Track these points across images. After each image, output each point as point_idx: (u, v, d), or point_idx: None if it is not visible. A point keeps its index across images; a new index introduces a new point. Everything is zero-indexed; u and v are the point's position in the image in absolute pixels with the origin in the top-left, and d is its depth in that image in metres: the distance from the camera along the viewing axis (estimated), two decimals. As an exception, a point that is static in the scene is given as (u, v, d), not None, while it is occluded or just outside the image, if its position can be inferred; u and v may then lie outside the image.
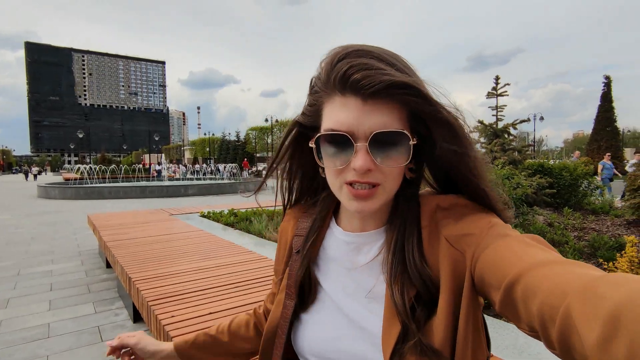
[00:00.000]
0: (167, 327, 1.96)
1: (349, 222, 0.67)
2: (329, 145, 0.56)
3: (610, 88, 27.34)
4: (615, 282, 0.33)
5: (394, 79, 0.50)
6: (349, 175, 0.54)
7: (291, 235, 0.74)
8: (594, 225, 5.50)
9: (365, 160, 0.52)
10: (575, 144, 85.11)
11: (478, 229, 0.52)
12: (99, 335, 3.09)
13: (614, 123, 26.74)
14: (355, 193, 0.54)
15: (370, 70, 0.50)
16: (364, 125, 0.52)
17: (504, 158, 6.65)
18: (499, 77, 7.42)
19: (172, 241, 4.20)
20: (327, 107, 0.57)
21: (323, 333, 0.64)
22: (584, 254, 3.96)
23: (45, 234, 7.77)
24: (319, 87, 0.58)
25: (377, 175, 0.54)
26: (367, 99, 0.52)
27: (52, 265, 5.28)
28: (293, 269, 0.70)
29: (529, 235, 0.49)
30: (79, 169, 26.53)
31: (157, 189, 17.03)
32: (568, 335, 0.34)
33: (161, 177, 26.89)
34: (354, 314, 0.61)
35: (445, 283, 0.52)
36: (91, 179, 22.50)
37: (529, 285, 0.39)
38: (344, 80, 0.52)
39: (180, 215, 6.71)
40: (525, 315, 0.39)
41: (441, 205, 0.58)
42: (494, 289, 0.45)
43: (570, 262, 0.40)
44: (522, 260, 0.42)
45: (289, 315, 0.68)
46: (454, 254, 0.52)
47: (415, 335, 0.51)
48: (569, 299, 0.34)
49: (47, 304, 3.80)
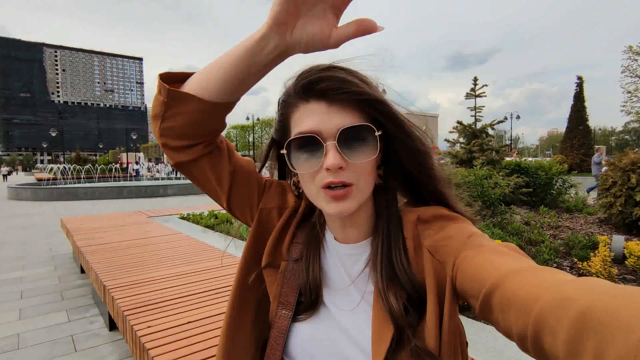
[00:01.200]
0: (142, 338, 1.90)
1: (336, 233, 0.68)
2: (299, 151, 0.57)
3: (583, 88, 28.27)
4: (584, 286, 0.35)
5: (352, 87, 0.55)
6: (323, 177, 0.56)
7: (279, 202, 0.73)
8: (568, 223, 5.68)
9: (335, 157, 0.54)
10: (550, 142, 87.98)
11: (457, 240, 0.54)
12: (73, 345, 2.98)
13: (586, 122, 27.67)
14: (332, 194, 0.56)
15: (331, 79, 0.55)
16: (330, 124, 0.55)
17: (483, 158, 6.78)
18: (477, 78, 7.56)
19: (150, 245, 4.09)
20: (293, 117, 0.59)
21: (316, 339, 0.64)
22: (560, 253, 4.07)
23: (16, 238, 7.46)
24: (284, 99, 0.61)
25: (349, 175, 0.56)
26: (330, 104, 0.55)
27: (22, 272, 5.06)
28: (291, 278, 0.68)
29: (504, 243, 0.51)
30: (52, 169, 25.65)
31: (135, 189, 16.59)
32: (540, 337, 0.35)
33: (139, 176, 26.28)
34: (345, 324, 0.62)
35: (430, 290, 0.55)
36: (65, 179, 21.76)
37: (505, 295, 0.41)
38: (307, 87, 0.56)
39: (159, 218, 6.56)
40: (502, 322, 0.41)
41: (422, 218, 0.60)
42: (473, 298, 0.47)
43: (542, 268, 0.42)
44: (496, 270, 0.44)
45: (286, 327, 0.66)
46: (435, 264, 0.55)
47: (410, 340, 0.53)
48: (541, 303, 0.36)
49: (17, 313, 3.63)
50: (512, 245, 0.51)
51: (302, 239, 0.70)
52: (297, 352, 0.65)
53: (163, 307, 2.30)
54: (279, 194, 0.73)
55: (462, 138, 7.42)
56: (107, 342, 3.00)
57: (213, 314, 2.20)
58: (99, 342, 3.01)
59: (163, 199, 15.73)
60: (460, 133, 7.44)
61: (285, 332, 0.66)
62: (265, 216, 0.72)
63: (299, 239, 0.70)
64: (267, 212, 0.72)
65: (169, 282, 2.80)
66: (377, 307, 0.58)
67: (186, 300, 2.43)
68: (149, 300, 2.41)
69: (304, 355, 0.65)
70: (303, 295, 0.67)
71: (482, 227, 4.45)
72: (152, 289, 2.64)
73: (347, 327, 0.62)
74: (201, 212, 6.92)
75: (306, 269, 0.67)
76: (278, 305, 0.68)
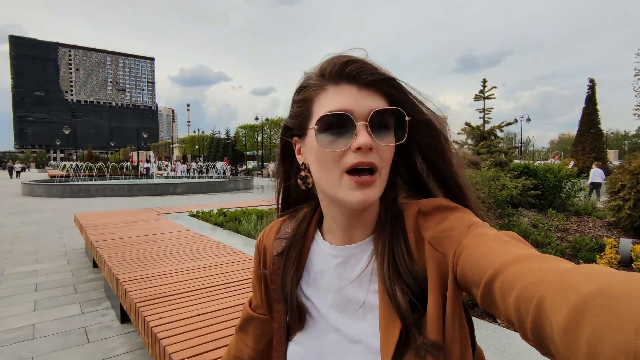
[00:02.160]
0: (155, 328, 1.96)
1: (335, 235, 0.66)
2: (325, 133, 0.56)
3: (595, 91, 27.88)
4: (587, 274, 0.34)
5: (386, 73, 0.56)
6: (350, 159, 0.55)
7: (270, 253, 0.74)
8: (576, 226, 5.65)
9: (367, 137, 0.54)
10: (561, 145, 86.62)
11: (458, 230, 0.54)
12: (86, 336, 3.07)
13: (598, 125, 27.27)
14: (358, 180, 0.55)
15: (365, 64, 0.56)
16: (362, 105, 0.55)
17: (491, 160, 6.76)
18: (486, 80, 7.54)
19: (161, 241, 4.18)
20: (319, 100, 0.58)
21: (319, 347, 0.64)
22: (566, 255, 4.07)
23: (30, 233, 7.64)
24: (310, 84, 0.60)
25: (376, 157, 0.55)
26: (361, 88, 0.56)
27: (37, 265, 5.20)
28: (277, 274, 0.69)
29: (506, 232, 0.51)
30: (65, 166, 26.07)
31: (145, 187, 16.83)
32: (540, 323, 0.35)
33: (150, 175, 26.59)
34: (346, 329, 0.61)
35: (432, 283, 0.54)
36: (77, 177, 22.13)
37: (506, 281, 0.41)
38: (339, 71, 0.56)
39: (169, 215, 6.67)
40: (503, 309, 0.41)
41: (422, 210, 0.59)
42: (474, 286, 0.47)
43: (545, 256, 0.42)
44: (499, 257, 0.44)
45: (283, 320, 0.68)
46: (437, 256, 0.55)
47: (417, 338, 0.53)
48: (542, 290, 0.36)
49: (32, 305, 3.75)
50: (514, 234, 0.50)
51: (286, 234, 0.70)
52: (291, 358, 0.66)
53: (174, 300, 2.37)
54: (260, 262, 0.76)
55: (471, 140, 7.40)
56: (119, 334, 3.09)
57: (223, 307, 2.27)
58: (111, 334, 3.10)
59: (172, 196, 15.92)
60: (468, 135, 7.42)
61: (284, 325, 0.67)
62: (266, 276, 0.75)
63: (284, 234, 0.71)
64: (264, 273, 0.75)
65: (179, 276, 2.88)
66: (384, 306, 0.57)
67: (196, 293, 2.50)
68: (160, 293, 2.48)
69: (295, 357, 0.66)
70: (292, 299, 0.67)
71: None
72: (162, 282, 2.71)
73: (343, 331, 0.61)
74: (210, 210, 7.01)
75: (285, 264, 0.67)
76: (273, 300, 0.70)
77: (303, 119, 0.60)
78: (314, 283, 0.67)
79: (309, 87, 0.59)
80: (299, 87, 0.62)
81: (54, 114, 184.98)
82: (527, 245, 0.47)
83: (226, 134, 60.80)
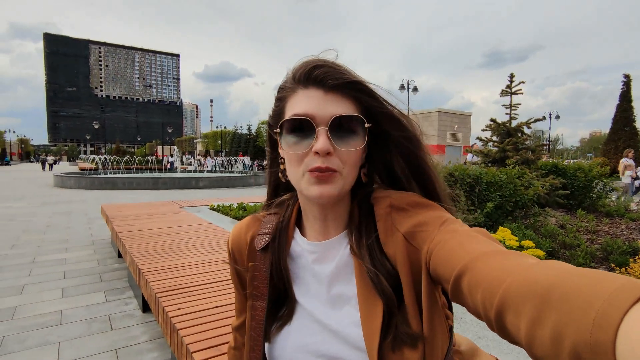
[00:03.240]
0: (173, 319, 1.99)
1: (312, 230, 0.68)
2: (290, 134, 0.60)
3: (630, 87, 26.54)
4: (548, 267, 0.36)
5: (352, 77, 0.59)
6: (311, 162, 0.58)
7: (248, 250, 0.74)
8: (607, 228, 5.39)
9: (326, 142, 0.56)
10: (592, 144, 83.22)
11: (432, 225, 0.56)
12: (109, 323, 3.17)
13: (633, 123, 25.98)
14: (317, 175, 0.58)
15: (332, 69, 0.58)
16: (325, 110, 0.58)
17: (516, 157, 6.54)
18: (514, 74, 7.27)
19: (182, 233, 4.26)
20: (290, 101, 0.61)
21: (299, 340, 0.65)
22: (596, 258, 3.89)
23: (60, 222, 7.96)
24: (285, 86, 0.63)
25: (336, 162, 0.58)
26: (327, 91, 0.58)
27: (65, 254, 5.41)
28: (259, 269, 0.69)
29: (476, 228, 0.53)
30: (94, 159, 27.01)
31: (169, 180, 17.24)
32: (504, 316, 0.37)
33: (174, 169, 27.22)
34: (326, 321, 0.63)
35: (405, 276, 0.56)
36: (105, 170, 22.89)
37: (473, 277, 0.42)
38: (307, 75, 0.59)
39: (191, 208, 6.80)
40: (471, 303, 0.43)
41: (395, 205, 0.61)
42: (445, 281, 0.48)
43: (511, 252, 0.43)
44: (467, 253, 0.46)
45: (262, 318, 0.68)
46: (410, 250, 0.56)
47: (398, 325, 0.56)
48: (506, 284, 0.37)
49: (60, 292, 3.90)
50: (484, 231, 0.52)
51: (268, 229, 0.71)
52: (275, 350, 0.67)
53: (193, 292, 2.41)
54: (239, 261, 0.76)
55: (496, 136, 7.17)
56: (140, 323, 3.17)
57: (239, 300, 2.28)
58: (133, 323, 3.18)
59: (195, 190, 16.25)
60: (493, 131, 7.19)
61: (262, 323, 0.67)
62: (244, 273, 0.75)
63: (265, 230, 0.72)
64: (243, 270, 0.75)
65: (199, 268, 2.92)
66: (363, 295, 0.59)
67: (214, 286, 2.53)
68: (180, 285, 2.52)
69: (278, 349, 0.66)
70: (273, 283, 0.68)
71: (513, 228, 4.31)
72: (182, 274, 2.76)
73: (325, 322, 0.63)
74: (230, 204, 7.10)
75: (272, 256, 0.69)
76: (253, 298, 0.70)
77: (278, 118, 0.64)
78: (295, 278, 0.69)
79: (284, 89, 0.63)
80: (279, 87, 0.66)
81: (85, 109, 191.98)
82: (495, 242, 0.49)
83: (248, 130, 61.49)
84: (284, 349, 0.66)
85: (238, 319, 0.80)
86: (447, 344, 0.60)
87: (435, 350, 0.56)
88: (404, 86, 25.53)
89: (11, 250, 5.58)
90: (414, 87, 25.46)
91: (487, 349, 2.13)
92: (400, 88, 25.28)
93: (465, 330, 2.45)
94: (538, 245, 3.84)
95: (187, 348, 1.72)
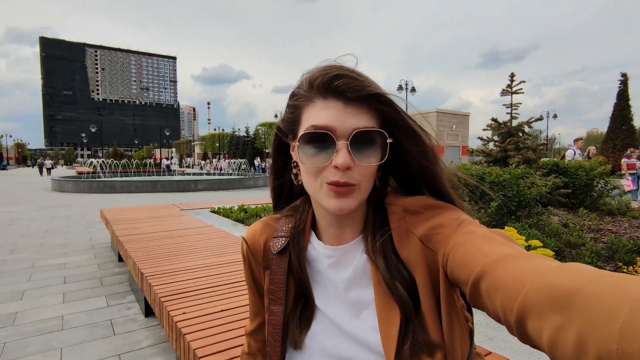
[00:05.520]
0: (179, 324, 1.96)
1: (327, 235, 0.67)
2: (309, 145, 0.58)
3: (627, 86, 26.67)
4: (569, 271, 0.35)
5: (374, 89, 0.56)
6: (329, 175, 0.57)
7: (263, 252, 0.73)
8: (610, 226, 5.38)
9: (346, 157, 0.55)
10: (589, 142, 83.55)
11: (448, 227, 0.55)
12: (112, 328, 3.12)
13: (631, 122, 26.11)
14: (336, 190, 0.56)
15: (352, 79, 0.55)
16: (345, 124, 0.55)
17: (518, 157, 6.52)
18: (514, 74, 7.27)
19: (183, 236, 4.22)
20: (307, 111, 0.59)
21: (321, 343, 0.64)
22: (602, 257, 3.87)
23: (59, 227, 7.89)
24: (300, 93, 0.60)
25: (355, 175, 0.57)
26: (347, 103, 0.56)
27: (65, 258, 5.35)
28: (275, 272, 0.68)
29: (493, 230, 0.51)
30: (92, 163, 26.92)
31: (168, 183, 17.16)
32: (524, 321, 0.36)
33: (172, 172, 27.15)
34: (344, 326, 0.63)
35: (422, 280, 0.56)
36: (103, 173, 22.80)
37: (492, 280, 0.42)
38: (327, 85, 0.56)
39: (191, 211, 6.75)
40: (491, 307, 0.42)
41: (409, 209, 0.60)
42: (463, 284, 0.48)
43: (530, 254, 0.42)
44: (485, 256, 0.45)
45: (279, 322, 0.66)
46: (428, 253, 0.56)
47: (416, 331, 0.55)
48: (526, 289, 0.36)
49: (60, 297, 3.85)
50: (501, 231, 0.51)
51: (284, 232, 0.70)
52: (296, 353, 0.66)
53: (197, 295, 2.37)
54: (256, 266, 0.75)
55: (497, 136, 7.16)
56: (143, 328, 3.12)
57: (246, 304, 2.24)
58: (135, 327, 3.13)
59: (194, 193, 16.18)
60: (494, 131, 7.19)
61: (280, 328, 0.66)
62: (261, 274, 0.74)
63: (281, 232, 0.70)
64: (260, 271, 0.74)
65: (202, 271, 2.88)
66: (380, 300, 0.59)
67: (219, 289, 2.49)
68: (184, 288, 2.48)
69: (297, 352, 0.66)
70: (292, 288, 0.67)
71: (517, 227, 4.29)
72: (186, 277, 2.72)
73: (349, 328, 0.62)
74: (231, 207, 7.05)
75: (290, 259, 0.67)
76: (270, 302, 0.68)
77: (293, 125, 0.62)
78: (312, 282, 0.68)
79: (299, 97, 0.61)
80: (292, 93, 0.63)
81: (81, 112, 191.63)
82: (514, 243, 0.48)
83: (246, 132, 61.46)
84: (311, 354, 0.65)
85: (252, 323, 0.79)
86: (467, 348, 0.58)
87: (456, 355, 0.55)
88: (402, 87, 25.57)
89: (10, 255, 5.52)
90: (412, 87, 25.50)
91: (497, 350, 2.10)
92: (398, 89, 25.31)
93: (475, 331, 2.42)
94: (545, 244, 3.82)
95: (195, 353, 1.68)
